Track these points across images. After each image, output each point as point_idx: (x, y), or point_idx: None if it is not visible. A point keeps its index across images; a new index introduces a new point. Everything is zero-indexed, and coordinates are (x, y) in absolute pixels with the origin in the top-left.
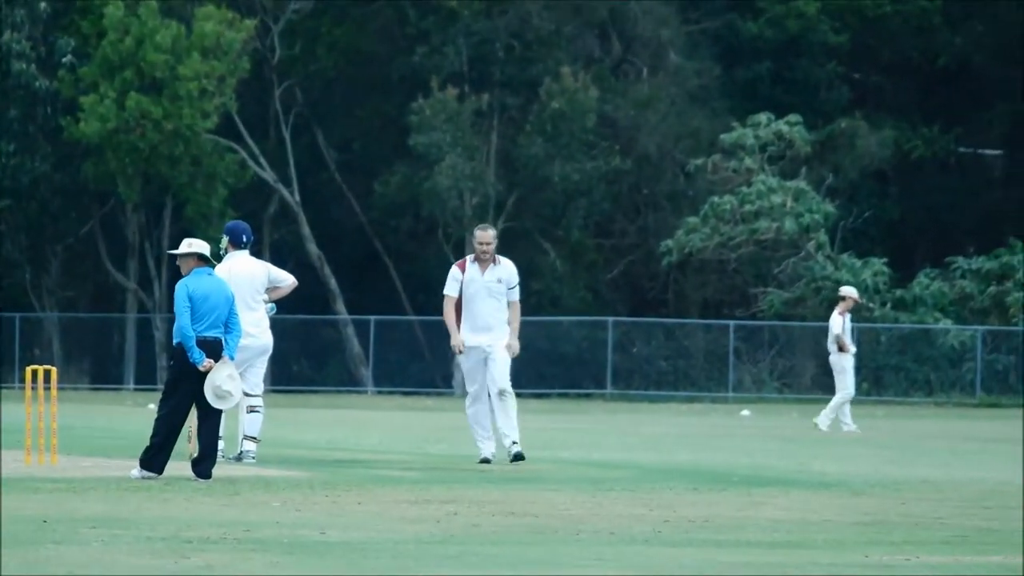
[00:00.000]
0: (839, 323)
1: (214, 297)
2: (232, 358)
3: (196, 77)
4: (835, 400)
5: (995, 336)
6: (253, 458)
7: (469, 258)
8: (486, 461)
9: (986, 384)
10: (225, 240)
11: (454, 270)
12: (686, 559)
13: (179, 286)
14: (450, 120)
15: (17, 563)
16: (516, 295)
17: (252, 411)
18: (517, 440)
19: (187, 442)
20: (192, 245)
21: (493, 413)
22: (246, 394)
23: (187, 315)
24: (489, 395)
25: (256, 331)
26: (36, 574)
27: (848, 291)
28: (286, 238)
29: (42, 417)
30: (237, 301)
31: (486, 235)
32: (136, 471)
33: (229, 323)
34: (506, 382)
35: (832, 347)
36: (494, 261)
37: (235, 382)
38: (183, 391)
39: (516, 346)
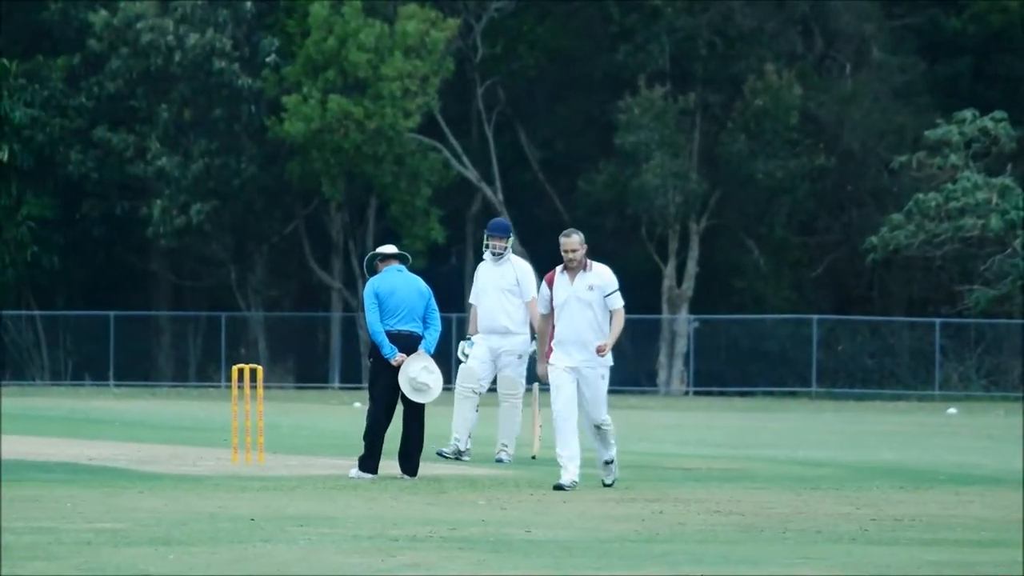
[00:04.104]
0: None
1: (401, 291)
2: (429, 352)
3: (399, 77)
4: None
5: None
6: (509, 459)
7: (558, 268)
8: (560, 488)
9: None
10: (512, 238)
11: (542, 285)
12: (893, 558)
13: (367, 285)
14: (657, 119)
15: (226, 560)
16: (617, 302)
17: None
18: (613, 459)
19: (534, 439)
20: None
21: (588, 436)
22: (506, 393)
23: (374, 311)
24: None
25: (515, 328)
26: (245, 573)
27: None
28: None
29: (248, 416)
30: (501, 297)
31: (571, 241)
32: (354, 471)
33: (428, 317)
34: (603, 416)
35: None
36: (585, 267)
37: (432, 375)
38: (382, 387)
39: (606, 349)
